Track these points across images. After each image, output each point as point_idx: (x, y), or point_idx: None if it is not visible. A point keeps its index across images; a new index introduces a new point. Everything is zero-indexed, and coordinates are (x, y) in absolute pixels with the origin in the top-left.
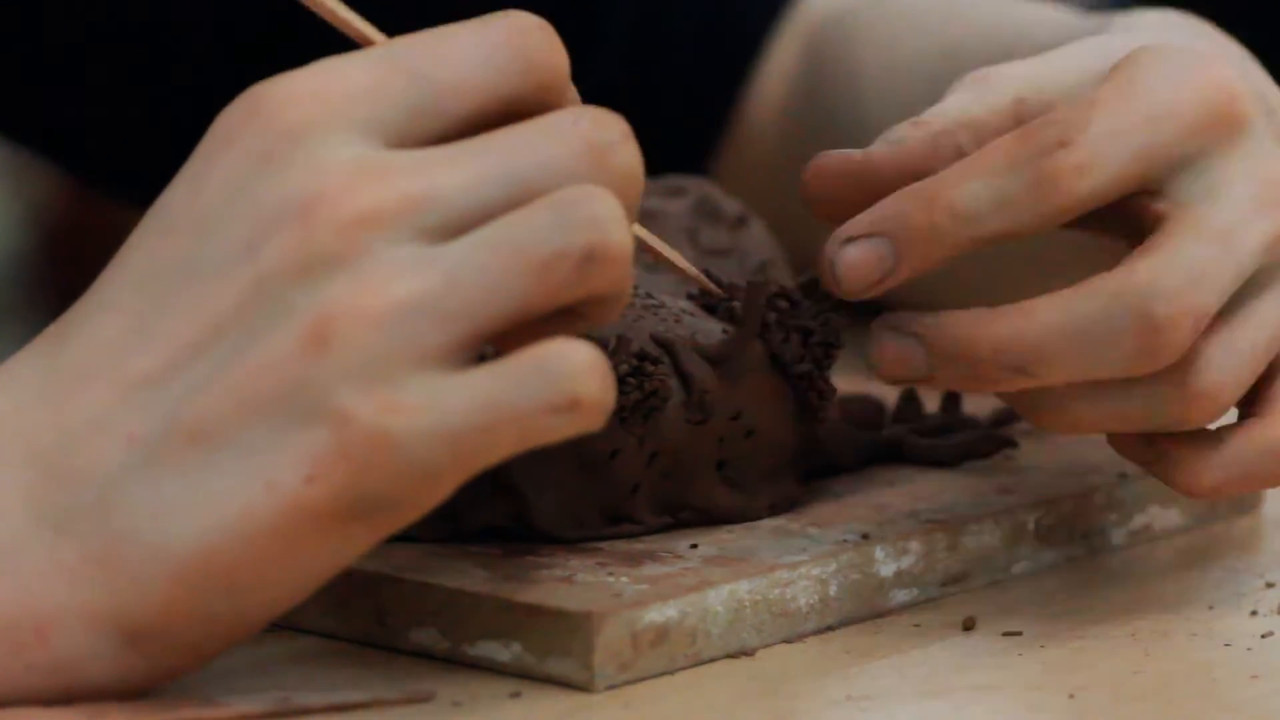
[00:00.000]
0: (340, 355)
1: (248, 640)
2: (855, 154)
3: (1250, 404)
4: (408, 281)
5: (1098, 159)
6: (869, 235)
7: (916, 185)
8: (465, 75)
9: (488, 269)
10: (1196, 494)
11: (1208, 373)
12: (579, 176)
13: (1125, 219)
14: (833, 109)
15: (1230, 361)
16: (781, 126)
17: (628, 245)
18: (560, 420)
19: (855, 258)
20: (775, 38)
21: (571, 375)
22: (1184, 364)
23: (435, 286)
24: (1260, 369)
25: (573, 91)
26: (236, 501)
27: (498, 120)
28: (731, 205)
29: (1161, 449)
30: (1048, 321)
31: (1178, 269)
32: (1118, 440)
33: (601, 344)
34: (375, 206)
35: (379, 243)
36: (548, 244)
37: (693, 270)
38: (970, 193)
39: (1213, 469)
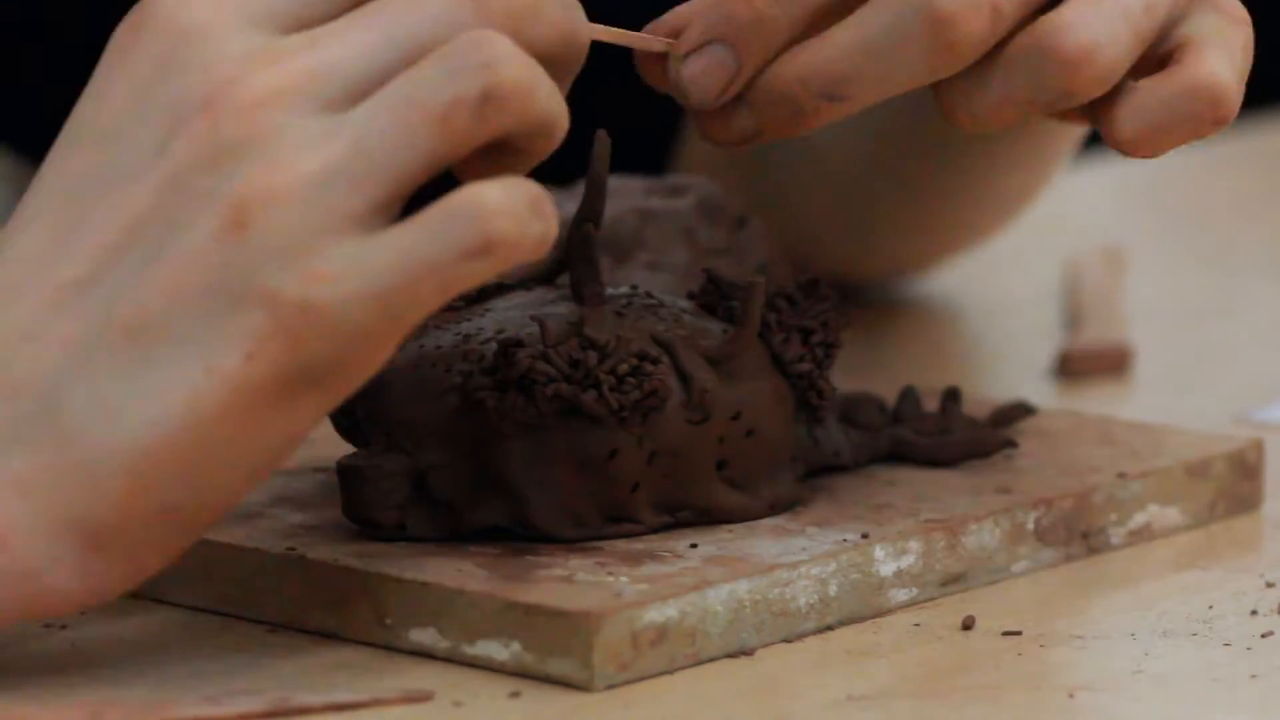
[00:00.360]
0: (259, 235)
1: (210, 530)
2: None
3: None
4: (315, 153)
5: None
6: (704, 44)
7: None
8: None
9: (388, 128)
10: (1126, 146)
11: (1076, 33)
12: (464, 23)
13: None
14: None
15: (1099, 21)
16: None
17: (524, 78)
18: (477, 264)
19: (697, 68)
20: None
21: (482, 218)
22: (1052, 30)
23: (341, 153)
24: (1144, 35)
25: None
26: (180, 390)
27: None
28: (732, 205)
29: (1096, 110)
30: (843, 41)
31: None
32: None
33: (601, 344)
34: (275, 86)
35: (283, 120)
36: (442, 94)
37: (658, 45)
38: None
39: (1130, 115)
